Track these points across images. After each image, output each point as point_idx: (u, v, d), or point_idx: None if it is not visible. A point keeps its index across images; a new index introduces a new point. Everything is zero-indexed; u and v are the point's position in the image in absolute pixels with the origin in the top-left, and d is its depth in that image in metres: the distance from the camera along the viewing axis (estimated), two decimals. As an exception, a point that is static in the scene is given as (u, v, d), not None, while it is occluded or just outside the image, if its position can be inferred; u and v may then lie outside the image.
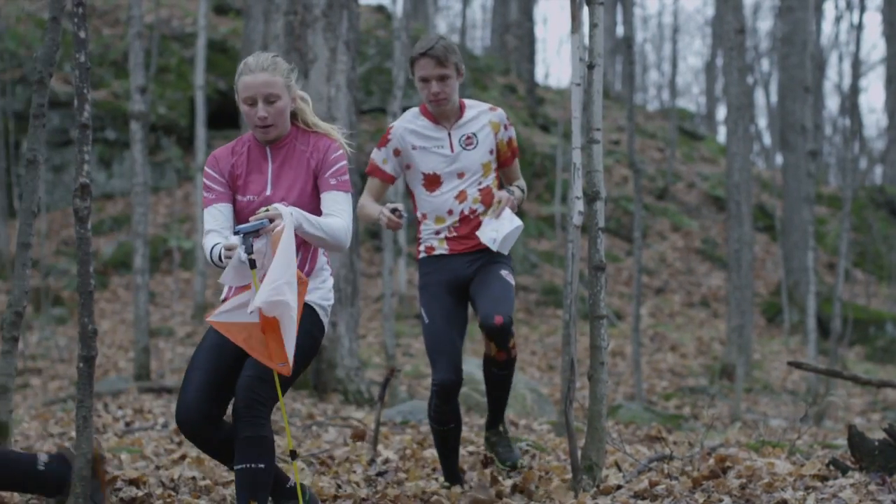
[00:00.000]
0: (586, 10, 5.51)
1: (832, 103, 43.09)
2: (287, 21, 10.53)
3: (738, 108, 16.09)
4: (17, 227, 5.27)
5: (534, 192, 23.85)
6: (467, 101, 5.67)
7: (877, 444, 5.37)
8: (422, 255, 5.69)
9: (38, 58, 5.15)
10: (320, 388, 10.51)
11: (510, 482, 5.59)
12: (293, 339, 4.45)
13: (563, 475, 5.75)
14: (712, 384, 15.28)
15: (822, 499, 4.88)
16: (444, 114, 5.57)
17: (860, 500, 4.82)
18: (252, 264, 4.50)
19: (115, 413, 9.46)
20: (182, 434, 4.75)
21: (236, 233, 4.56)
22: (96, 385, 9.75)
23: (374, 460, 6.46)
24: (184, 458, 6.49)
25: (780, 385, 16.13)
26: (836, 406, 13.95)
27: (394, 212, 5.36)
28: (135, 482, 5.50)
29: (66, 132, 21.42)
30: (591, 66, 5.46)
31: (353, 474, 6.03)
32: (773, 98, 35.79)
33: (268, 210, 4.55)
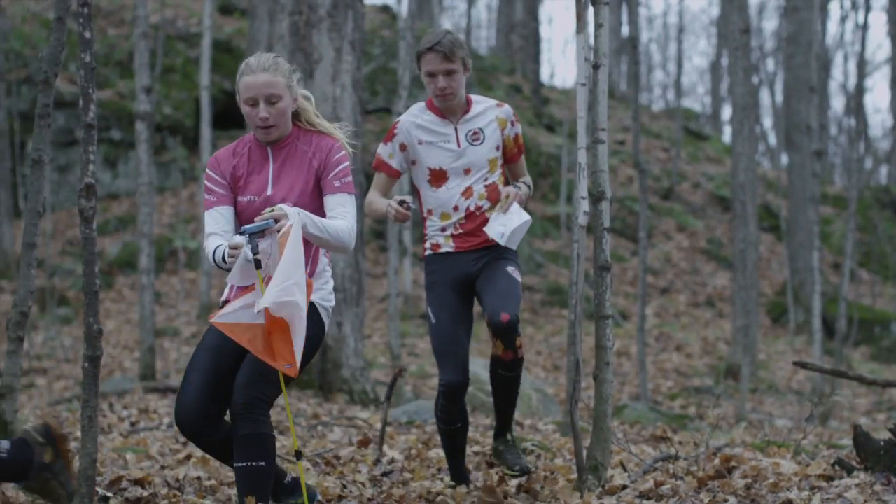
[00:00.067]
0: (591, 10, 5.50)
1: (837, 103, 43.12)
2: (292, 21, 10.53)
3: (744, 107, 16.08)
4: (22, 226, 5.28)
5: (539, 192, 23.85)
6: (474, 97, 5.63)
7: (882, 444, 5.35)
8: (427, 253, 5.63)
9: (43, 58, 5.14)
10: (325, 388, 10.52)
11: (515, 482, 5.59)
12: (302, 340, 4.43)
13: (569, 475, 5.75)
14: (717, 384, 15.27)
15: (828, 499, 4.87)
16: (450, 108, 5.54)
17: (865, 501, 4.82)
18: (257, 264, 4.48)
19: (120, 413, 9.46)
20: (181, 434, 4.75)
21: (242, 233, 4.53)
22: (101, 385, 9.76)
23: (379, 460, 6.47)
24: (189, 458, 6.49)
25: (785, 385, 16.12)
26: (842, 406, 13.94)
27: (401, 203, 5.34)
28: (140, 482, 5.50)
29: (72, 132, 21.45)
30: (596, 66, 5.45)
31: (359, 474, 6.03)
32: (779, 98, 35.71)
33: (273, 210, 4.53)
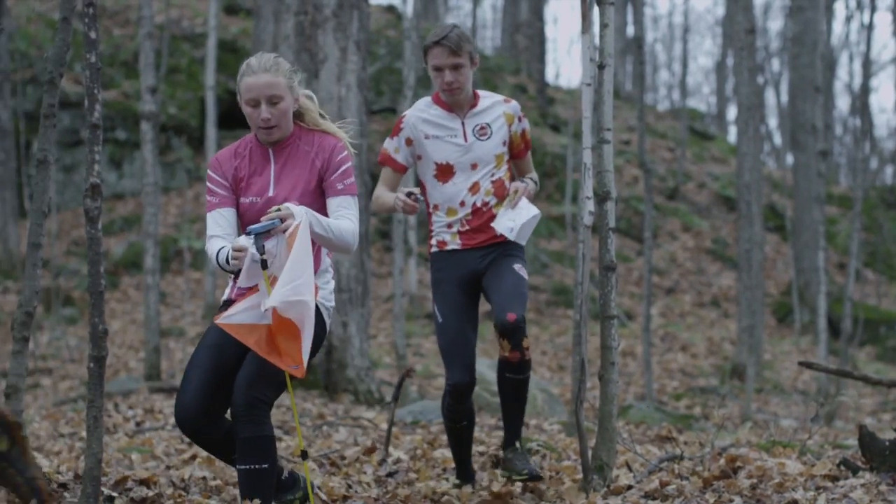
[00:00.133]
0: (597, 10, 5.50)
1: (843, 103, 42.98)
2: (297, 21, 10.53)
3: (749, 107, 16.05)
4: (27, 227, 5.28)
5: (544, 192, 23.84)
6: (481, 92, 5.61)
7: (887, 444, 5.35)
8: (434, 250, 5.61)
9: (48, 58, 5.14)
10: (331, 389, 10.52)
11: (520, 483, 5.59)
12: (310, 341, 4.42)
13: (574, 475, 5.75)
14: (723, 384, 15.25)
15: (833, 499, 4.87)
16: (457, 103, 5.52)
17: (871, 501, 4.81)
18: (263, 265, 4.47)
19: (125, 413, 9.47)
20: (181, 432, 4.73)
21: (247, 233, 4.52)
22: (107, 385, 9.77)
23: (384, 460, 6.47)
24: (194, 458, 6.49)
25: (790, 385, 16.10)
26: (847, 406, 13.92)
27: (409, 195, 5.34)
28: (145, 482, 5.50)
29: (77, 132, 21.47)
30: (601, 66, 5.45)
31: (364, 474, 6.03)
32: (784, 98, 35.71)
33: (279, 209, 4.52)
